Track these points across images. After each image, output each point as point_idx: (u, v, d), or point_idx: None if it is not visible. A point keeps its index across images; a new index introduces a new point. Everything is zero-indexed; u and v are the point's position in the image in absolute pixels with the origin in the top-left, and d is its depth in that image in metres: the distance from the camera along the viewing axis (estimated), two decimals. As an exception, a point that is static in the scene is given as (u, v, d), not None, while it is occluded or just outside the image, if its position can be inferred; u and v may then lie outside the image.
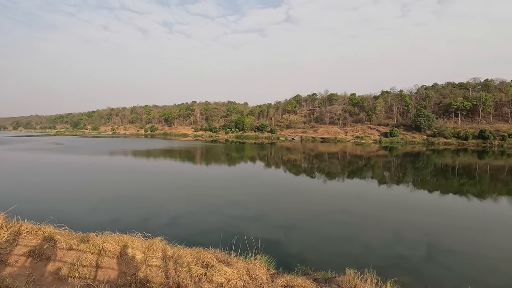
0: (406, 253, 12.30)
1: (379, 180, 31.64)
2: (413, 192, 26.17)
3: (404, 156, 58.43)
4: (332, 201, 21.67)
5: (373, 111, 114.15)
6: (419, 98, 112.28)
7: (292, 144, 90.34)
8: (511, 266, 11.24)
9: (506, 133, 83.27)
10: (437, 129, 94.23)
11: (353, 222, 16.36)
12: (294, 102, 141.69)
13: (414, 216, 17.83)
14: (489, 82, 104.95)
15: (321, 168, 40.35)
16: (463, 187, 28.13)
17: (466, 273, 10.56)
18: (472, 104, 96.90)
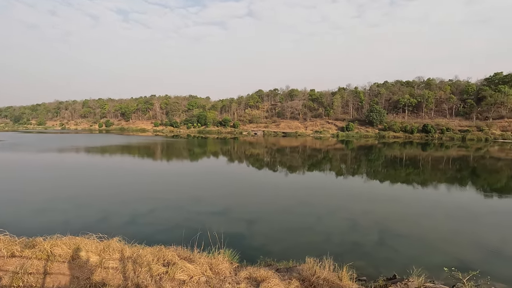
0: (361, 239, 13.19)
1: (337, 172, 33.36)
2: (367, 182, 28.04)
3: (359, 149, 62.23)
4: (294, 193, 22.37)
5: (331, 107, 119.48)
6: (372, 95, 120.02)
7: (255, 139, 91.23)
8: (448, 246, 12.62)
9: (444, 127, 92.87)
10: (388, 123, 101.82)
11: (313, 213, 17.08)
12: (256, 97, 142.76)
13: (368, 205, 19.15)
14: (431, 81, 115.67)
15: (283, 162, 41.35)
16: (409, 177, 30.86)
17: (411, 254, 11.63)
18: (417, 101, 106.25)
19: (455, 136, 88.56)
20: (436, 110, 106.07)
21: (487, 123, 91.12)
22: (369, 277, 8.96)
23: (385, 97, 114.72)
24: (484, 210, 18.74)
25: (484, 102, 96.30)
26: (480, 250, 12.27)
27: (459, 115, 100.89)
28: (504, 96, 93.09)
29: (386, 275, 9.10)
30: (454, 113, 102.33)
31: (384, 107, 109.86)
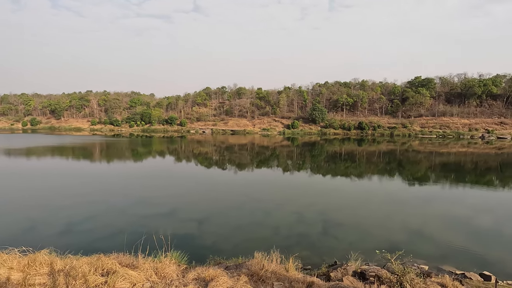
0: (306, 230, 13.94)
1: (284, 168, 34.64)
2: (311, 177, 29.71)
3: (303, 145, 65.54)
4: (243, 190, 22.59)
5: (277, 105, 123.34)
6: (314, 94, 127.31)
7: (203, 137, 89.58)
8: (381, 230, 14.09)
9: (376, 124, 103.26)
10: (329, 121, 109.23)
11: (262, 208, 17.48)
12: (204, 95, 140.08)
13: (313, 198, 20.31)
14: (364, 83, 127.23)
15: (232, 160, 41.41)
16: (348, 170, 33.59)
17: (351, 240, 12.70)
18: (353, 100, 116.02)
19: (385, 132, 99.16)
20: (369, 109, 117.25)
21: (410, 121, 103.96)
22: (313, 266, 9.55)
23: (326, 97, 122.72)
24: (408, 197, 21.38)
25: (407, 102, 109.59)
26: (406, 232, 13.98)
27: (388, 114, 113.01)
28: (422, 97, 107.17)
29: (329, 262, 9.82)
30: (384, 111, 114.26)
31: (325, 106, 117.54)
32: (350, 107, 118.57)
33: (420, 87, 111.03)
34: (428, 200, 20.34)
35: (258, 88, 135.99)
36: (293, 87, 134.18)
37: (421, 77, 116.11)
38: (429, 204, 19.26)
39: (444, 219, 15.78)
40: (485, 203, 19.77)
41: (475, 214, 16.97)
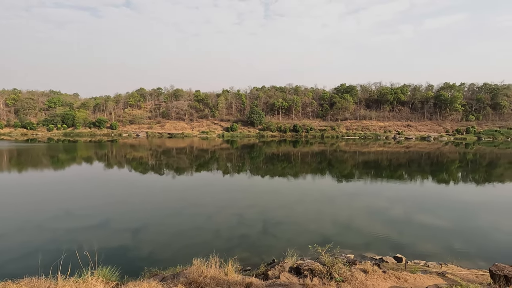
0: (247, 231, 14.16)
1: (224, 171, 34.58)
2: (251, 178, 30.29)
3: (242, 148, 66.53)
4: (182, 195, 21.80)
5: (216, 108, 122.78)
6: (252, 98, 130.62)
7: (137, 141, 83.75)
8: (315, 225, 15.15)
9: (309, 127, 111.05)
10: (266, 124, 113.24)
11: (203, 213, 17.13)
12: (137, 96, 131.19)
13: (253, 199, 20.74)
14: (298, 88, 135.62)
15: (170, 164, 39.63)
16: (285, 170, 35.28)
17: (288, 238, 13.33)
18: (288, 104, 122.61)
19: (316, 134, 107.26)
20: (303, 113, 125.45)
21: (337, 124, 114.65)
22: (253, 266, 9.76)
23: (263, 100, 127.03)
24: (337, 193, 23.47)
25: (335, 107, 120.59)
26: (336, 225, 15.32)
27: (319, 117, 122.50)
28: (347, 102, 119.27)
29: (268, 260, 10.15)
30: (315, 115, 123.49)
31: (263, 109, 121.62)
32: (285, 111, 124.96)
33: (345, 93, 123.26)
34: (354, 195, 22.66)
35: (197, 90, 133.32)
36: (231, 90, 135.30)
37: (346, 84, 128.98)
38: (355, 198, 21.46)
39: (367, 211, 17.77)
40: (398, 195, 22.91)
41: (391, 205, 19.52)
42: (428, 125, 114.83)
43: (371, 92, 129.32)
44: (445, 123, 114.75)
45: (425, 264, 9.98)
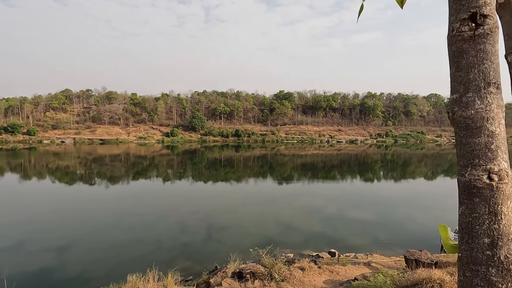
0: (190, 239, 13.80)
1: (164, 177, 33.05)
2: (193, 184, 29.59)
3: (184, 153, 64.57)
4: (118, 205, 20.13)
5: (155, 112, 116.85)
6: (194, 102, 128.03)
7: (63, 148, 74.56)
8: (258, 228, 15.53)
9: (250, 131, 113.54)
10: (208, 129, 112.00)
11: (141, 223, 16.12)
12: (62, 98, 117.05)
13: (196, 205, 20.28)
14: (239, 93, 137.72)
15: (102, 173, 36.22)
16: (228, 175, 35.38)
17: (232, 242, 13.41)
18: (230, 109, 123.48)
19: (258, 139, 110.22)
20: (244, 118, 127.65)
21: (277, 128, 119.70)
22: (195, 275, 9.57)
23: (205, 105, 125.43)
24: (279, 195, 24.48)
25: (274, 112, 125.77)
26: (278, 226, 15.97)
27: (259, 122, 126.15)
28: (285, 108, 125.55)
29: (211, 268, 10.07)
30: (256, 120, 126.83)
31: (205, 114, 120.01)
32: (227, 116, 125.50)
33: (283, 100, 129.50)
34: (294, 195, 23.93)
35: (133, 93, 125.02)
36: (171, 94, 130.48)
37: (284, 91, 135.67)
38: (295, 199, 22.68)
39: (306, 211, 18.95)
40: (332, 193, 24.97)
41: (326, 204, 21.17)
42: (355, 129, 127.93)
43: (307, 99, 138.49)
44: (369, 128, 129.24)
45: (354, 256, 11.11)
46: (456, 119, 1.02)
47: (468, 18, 0.95)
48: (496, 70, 0.95)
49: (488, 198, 0.93)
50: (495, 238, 0.90)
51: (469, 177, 0.97)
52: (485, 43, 0.94)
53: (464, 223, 0.99)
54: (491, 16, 0.96)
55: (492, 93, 0.95)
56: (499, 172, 0.93)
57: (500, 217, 0.91)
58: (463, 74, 0.96)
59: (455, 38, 0.99)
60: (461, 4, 0.96)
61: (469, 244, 0.96)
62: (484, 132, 0.94)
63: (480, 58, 0.94)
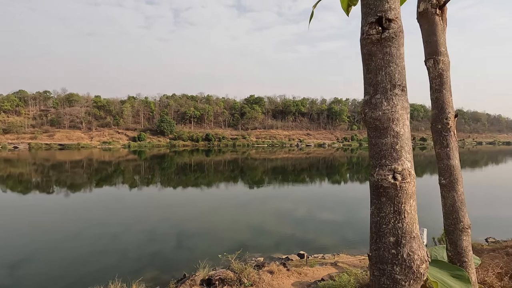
0: (159, 248, 13.36)
1: (130, 184, 31.69)
2: (162, 190, 28.70)
3: (152, 158, 62.48)
4: (80, 215, 18.91)
5: (120, 116, 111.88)
6: (162, 106, 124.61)
7: (15, 154, 68.66)
8: (229, 233, 15.44)
9: (221, 136, 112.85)
10: (177, 133, 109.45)
11: (105, 233, 15.30)
12: (15, 100, 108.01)
13: (165, 212, 19.69)
14: (210, 97, 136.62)
15: (61, 180, 33.86)
16: (198, 180, 34.81)
17: (203, 249, 13.17)
18: (200, 113, 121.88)
19: (229, 143, 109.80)
20: (215, 122, 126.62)
21: (248, 133, 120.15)
22: (162, 285, 9.29)
23: (174, 109, 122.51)
24: (250, 198, 24.55)
25: (245, 117, 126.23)
26: (249, 230, 16.01)
27: (230, 126, 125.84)
28: (256, 112, 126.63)
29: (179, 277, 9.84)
30: (227, 124, 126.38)
31: (174, 118, 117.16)
32: (197, 120, 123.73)
33: (254, 104, 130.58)
34: (265, 199, 24.14)
35: (96, 96, 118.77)
36: (138, 97, 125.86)
37: (255, 95, 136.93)
38: (266, 202, 22.89)
39: (276, 214, 19.20)
40: (302, 196, 25.56)
41: (296, 206, 21.62)
42: (323, 133, 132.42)
43: (277, 104, 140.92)
44: (336, 132, 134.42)
45: (322, 257, 11.47)
46: (367, 120, 1.03)
47: (375, 22, 0.97)
48: (401, 73, 0.97)
49: (393, 198, 0.95)
50: (399, 236, 0.92)
51: (377, 177, 0.99)
52: (390, 46, 0.96)
53: (373, 222, 1.01)
54: (396, 21, 0.98)
55: (397, 95, 0.96)
56: (402, 172, 0.94)
57: (403, 215, 0.93)
58: (372, 76, 0.98)
59: (365, 41, 1.00)
60: (369, 8, 0.98)
61: (377, 243, 0.98)
62: (390, 132, 0.94)
63: (386, 60, 0.96)
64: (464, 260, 1.69)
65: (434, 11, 1.79)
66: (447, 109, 1.81)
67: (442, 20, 1.83)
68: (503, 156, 79.64)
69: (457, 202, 1.69)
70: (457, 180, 1.71)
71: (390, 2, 0.98)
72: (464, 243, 1.72)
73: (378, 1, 0.98)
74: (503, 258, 7.78)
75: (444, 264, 1.46)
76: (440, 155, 1.79)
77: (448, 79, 1.82)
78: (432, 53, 1.83)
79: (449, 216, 1.69)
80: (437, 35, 1.80)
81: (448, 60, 1.84)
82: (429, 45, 1.84)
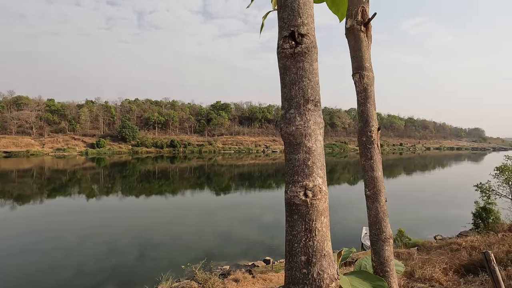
0: (120, 260, 12.76)
1: (88, 194, 29.75)
2: (123, 199, 27.35)
3: (112, 166, 59.27)
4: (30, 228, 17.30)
5: (77, 121, 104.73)
6: (124, 111, 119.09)
7: None
8: (196, 242, 15.19)
9: (187, 142, 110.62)
10: (140, 139, 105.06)
11: (61, 247, 14.24)
12: None
13: (127, 222, 18.81)
14: (175, 103, 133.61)
15: (6, 192, 30.73)
16: (163, 188, 33.74)
17: (168, 259, 12.83)
18: (165, 119, 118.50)
19: (195, 150, 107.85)
20: (180, 128, 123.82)
21: (214, 139, 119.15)
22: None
23: (137, 114, 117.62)
24: (217, 206, 24.33)
25: (211, 123, 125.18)
26: (216, 238, 15.91)
27: (196, 132, 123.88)
28: (222, 119, 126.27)
29: (142, 289, 9.49)
30: (193, 130, 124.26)
31: (137, 124, 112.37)
32: (162, 126, 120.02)
33: (220, 110, 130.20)
34: (232, 206, 24.12)
35: (49, 99, 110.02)
36: (97, 102, 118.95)
37: (221, 101, 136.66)
38: (232, 209, 22.88)
39: (244, 220, 19.31)
40: (268, 201, 25.95)
41: (263, 212, 21.91)
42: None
43: (243, 110, 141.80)
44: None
45: (287, 261, 11.79)
46: (282, 135, 1.00)
47: (288, 36, 0.98)
48: (314, 88, 0.98)
49: (304, 215, 0.92)
50: (310, 255, 0.89)
51: (290, 193, 0.95)
52: (303, 61, 0.97)
53: (287, 241, 0.96)
54: (308, 36, 0.98)
55: (310, 110, 0.96)
56: (313, 188, 0.93)
57: (314, 233, 0.91)
58: (287, 91, 0.98)
59: (280, 54, 1.01)
60: (283, 22, 1.00)
61: (290, 263, 0.92)
62: (302, 148, 0.94)
63: (299, 75, 0.96)
64: (386, 270, 1.70)
65: (359, 28, 1.85)
66: (371, 122, 1.82)
67: (367, 37, 1.90)
68: (448, 160, 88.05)
69: (380, 213, 1.72)
70: (380, 191, 1.72)
71: (303, 17, 0.98)
72: (386, 253, 1.72)
73: (291, 16, 0.98)
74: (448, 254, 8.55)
75: (368, 275, 1.54)
76: (365, 167, 1.78)
77: (372, 93, 1.87)
78: (358, 68, 1.88)
79: (373, 226, 1.74)
80: (363, 51, 1.86)
81: (372, 75, 1.89)
82: (356, 60, 1.89)
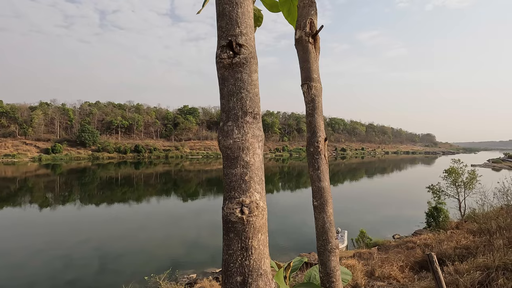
0: (78, 274, 11.94)
1: (40, 203, 27.43)
2: (81, 209, 25.62)
3: (70, 173, 55.33)
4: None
5: (29, 124, 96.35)
6: (83, 114, 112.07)
7: None
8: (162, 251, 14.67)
9: (152, 147, 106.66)
10: (101, 144, 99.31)
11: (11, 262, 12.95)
12: None
13: (85, 233, 17.64)
14: (140, 106, 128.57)
15: None
16: (126, 195, 32.17)
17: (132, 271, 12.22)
18: (129, 123, 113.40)
19: (161, 155, 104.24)
20: (145, 132, 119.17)
21: (181, 144, 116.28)
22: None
23: (97, 117, 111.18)
24: (183, 212, 23.74)
25: (178, 127, 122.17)
26: (184, 246, 15.52)
27: (162, 137, 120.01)
28: (190, 123, 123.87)
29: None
30: (159, 135, 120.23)
31: (97, 128, 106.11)
32: (125, 130, 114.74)
33: (188, 115, 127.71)
34: (199, 212, 23.70)
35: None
36: (53, 104, 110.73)
37: (189, 106, 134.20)
38: (200, 216, 22.50)
39: (212, 226, 19.02)
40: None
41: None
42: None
43: (212, 115, 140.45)
44: (268, 143, 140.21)
45: (255, 265, 11.89)
46: (221, 148, 0.95)
47: (226, 46, 0.94)
48: (252, 100, 0.94)
49: (241, 233, 0.85)
50: (246, 275, 0.83)
51: (226, 210, 0.90)
52: (241, 72, 0.94)
53: (223, 261, 0.90)
54: (246, 47, 0.95)
55: (248, 123, 0.92)
56: (249, 205, 0.86)
57: (251, 252, 0.85)
58: (225, 102, 0.94)
59: (218, 64, 0.97)
60: (222, 31, 0.96)
61: (226, 284, 0.86)
62: (240, 162, 0.88)
63: (238, 86, 0.93)
64: (332, 281, 1.67)
65: (308, 40, 1.83)
66: (318, 133, 1.79)
67: (315, 49, 1.87)
68: (404, 163, 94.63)
69: (326, 223, 1.70)
70: (327, 202, 1.70)
71: (242, 27, 0.94)
72: (333, 263, 1.69)
73: (229, 25, 0.94)
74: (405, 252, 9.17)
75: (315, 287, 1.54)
76: (312, 177, 1.74)
77: (320, 104, 1.85)
78: (306, 79, 1.86)
79: (320, 237, 1.72)
80: (311, 62, 1.84)
81: (320, 86, 1.88)
82: (304, 71, 1.87)
